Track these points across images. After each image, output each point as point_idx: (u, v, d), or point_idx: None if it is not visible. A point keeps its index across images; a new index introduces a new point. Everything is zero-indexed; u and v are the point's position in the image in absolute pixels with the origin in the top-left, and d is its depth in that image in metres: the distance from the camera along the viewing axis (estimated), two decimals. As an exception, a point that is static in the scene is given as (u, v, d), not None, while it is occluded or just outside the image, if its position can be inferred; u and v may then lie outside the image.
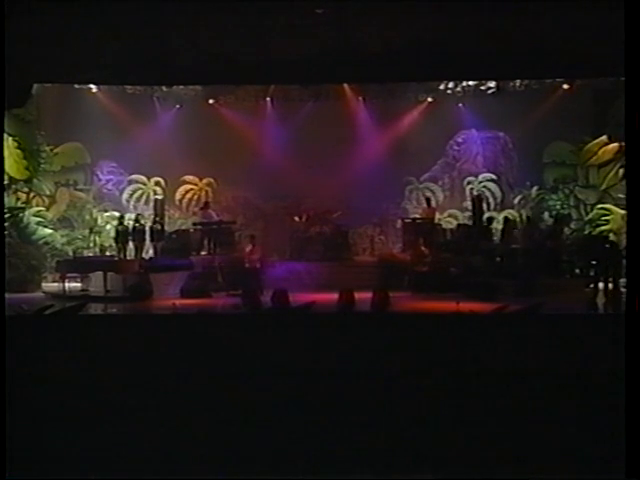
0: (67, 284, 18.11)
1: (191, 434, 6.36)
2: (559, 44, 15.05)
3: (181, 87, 21.45)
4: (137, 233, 19.50)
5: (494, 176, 22.16)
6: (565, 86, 20.13)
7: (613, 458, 5.49)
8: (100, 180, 21.66)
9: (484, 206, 21.01)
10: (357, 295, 14.56)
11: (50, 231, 20.07)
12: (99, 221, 21.22)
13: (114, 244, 19.80)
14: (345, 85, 21.47)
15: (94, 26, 14.70)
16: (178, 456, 5.91)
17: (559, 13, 14.09)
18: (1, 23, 10.24)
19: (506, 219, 20.53)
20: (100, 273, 17.70)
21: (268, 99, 22.12)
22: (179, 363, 9.11)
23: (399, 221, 21.66)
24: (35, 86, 17.69)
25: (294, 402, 7.27)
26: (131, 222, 19.80)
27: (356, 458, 5.88)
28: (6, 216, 18.23)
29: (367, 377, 8.33)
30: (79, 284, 18.57)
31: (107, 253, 20.26)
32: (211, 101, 22.10)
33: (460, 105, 21.95)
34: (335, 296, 14.70)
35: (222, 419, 6.80)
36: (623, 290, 14.88)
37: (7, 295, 12.75)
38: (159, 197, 21.41)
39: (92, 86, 20.18)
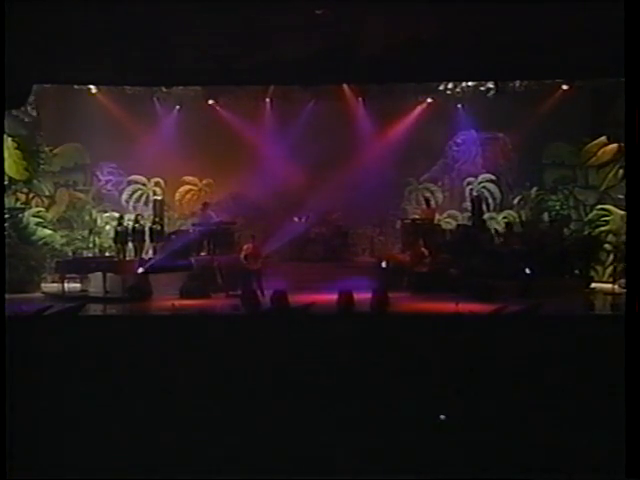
0: (66, 285, 18.13)
1: (190, 434, 6.36)
2: (558, 45, 15.05)
3: (181, 88, 21.44)
4: (136, 234, 19.52)
5: (493, 177, 22.15)
6: (564, 87, 20.13)
7: (613, 458, 5.50)
8: (100, 181, 21.65)
9: (483, 207, 21.01)
10: (356, 296, 14.56)
11: (49, 232, 20.07)
12: (98, 222, 21.21)
13: (113, 245, 19.83)
14: (345, 86, 21.47)
15: (94, 27, 14.70)
16: (178, 456, 5.91)
17: (558, 14, 14.09)
18: (1, 23, 10.24)
19: (506, 220, 20.57)
20: (99, 274, 17.71)
21: (267, 100, 22.11)
22: (178, 364, 9.11)
23: (398, 222, 21.67)
24: (35, 87, 17.68)
25: (294, 403, 7.27)
26: (130, 223, 19.81)
27: (355, 458, 5.88)
28: (6, 217, 18.22)
29: (367, 378, 8.33)
30: (78, 285, 18.57)
31: (107, 254, 20.26)
32: (211, 102, 22.09)
33: (459, 106, 21.95)
34: (334, 297, 14.71)
35: (221, 420, 6.80)
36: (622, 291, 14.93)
37: (6, 296, 12.76)
38: (159, 198, 21.40)
39: (92, 87, 20.17)
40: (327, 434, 6.39)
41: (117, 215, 20.61)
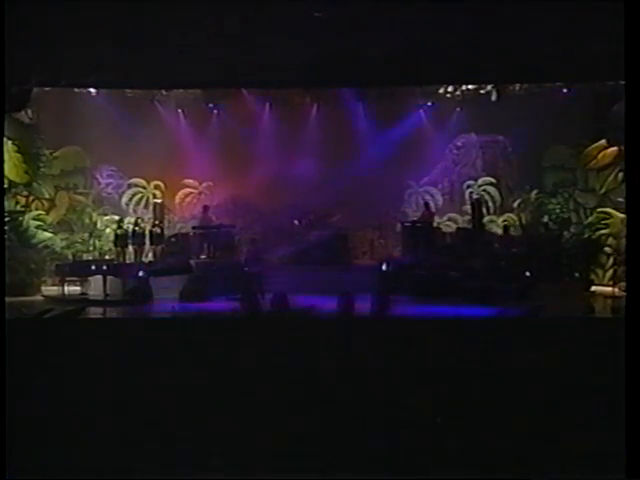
0: (66, 288, 18.13)
1: (191, 437, 6.36)
2: (559, 48, 15.08)
3: (181, 91, 21.46)
4: (137, 237, 19.53)
5: (493, 180, 22.19)
6: (564, 90, 20.14)
7: (613, 458, 5.49)
8: (100, 184, 21.66)
9: (483, 210, 21.03)
10: (356, 299, 14.54)
11: (50, 235, 20.07)
12: (99, 225, 21.22)
13: (114, 248, 19.83)
14: (345, 89, 21.47)
15: (94, 30, 14.72)
16: (178, 459, 5.90)
17: (559, 17, 14.12)
18: (1, 26, 10.25)
19: (506, 223, 20.58)
20: (99, 277, 17.71)
21: (268, 103, 22.12)
22: (178, 367, 9.10)
23: (398, 225, 21.66)
24: (35, 90, 17.68)
25: (294, 406, 7.27)
26: (131, 226, 19.84)
27: (355, 461, 5.88)
28: (6, 220, 18.22)
29: (367, 381, 8.32)
30: (78, 288, 18.58)
31: (107, 257, 20.25)
32: (211, 105, 22.10)
33: (459, 109, 21.97)
34: (335, 300, 14.68)
35: (221, 422, 6.79)
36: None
37: (6, 299, 12.75)
38: (159, 201, 21.41)
39: (92, 90, 20.19)
40: (327, 437, 6.38)
41: (117, 218, 20.65)
